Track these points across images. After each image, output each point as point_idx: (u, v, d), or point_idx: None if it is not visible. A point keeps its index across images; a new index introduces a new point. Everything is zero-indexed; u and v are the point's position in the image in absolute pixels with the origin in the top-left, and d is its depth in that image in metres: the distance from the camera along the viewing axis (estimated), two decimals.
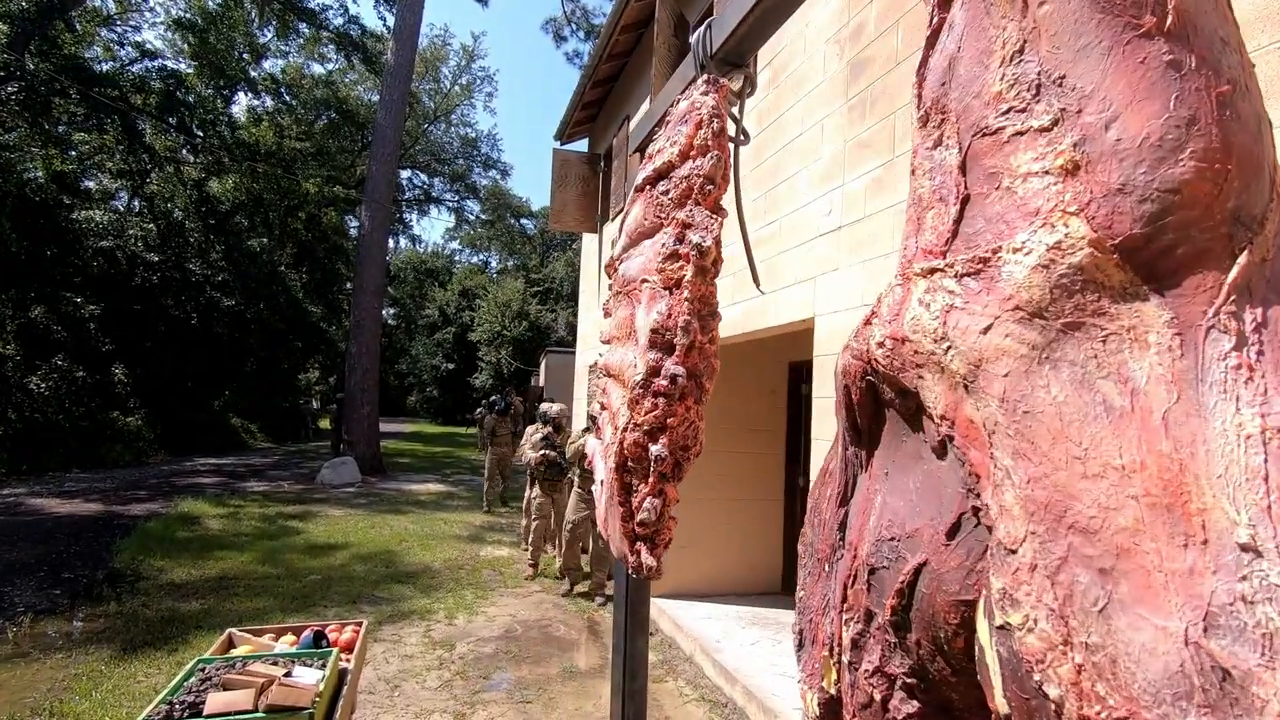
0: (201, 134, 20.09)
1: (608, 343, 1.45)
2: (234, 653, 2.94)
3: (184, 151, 20.47)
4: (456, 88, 31.39)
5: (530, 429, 7.84)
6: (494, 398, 11.77)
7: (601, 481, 1.32)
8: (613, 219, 8.02)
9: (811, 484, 0.96)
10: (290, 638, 3.17)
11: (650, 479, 1.09)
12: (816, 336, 3.51)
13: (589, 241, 9.39)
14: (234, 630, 3.16)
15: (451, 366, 41.04)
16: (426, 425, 39.37)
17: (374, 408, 15.07)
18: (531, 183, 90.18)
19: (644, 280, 1.17)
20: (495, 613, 5.78)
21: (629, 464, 1.13)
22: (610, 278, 1.48)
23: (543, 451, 7.08)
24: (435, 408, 42.64)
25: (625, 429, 1.11)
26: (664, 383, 1.06)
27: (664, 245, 1.13)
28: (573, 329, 40.31)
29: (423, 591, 6.28)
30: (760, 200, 4.20)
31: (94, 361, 15.09)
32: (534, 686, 4.35)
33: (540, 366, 23.61)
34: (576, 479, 6.47)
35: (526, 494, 7.71)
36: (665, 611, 5.49)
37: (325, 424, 26.75)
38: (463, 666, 4.59)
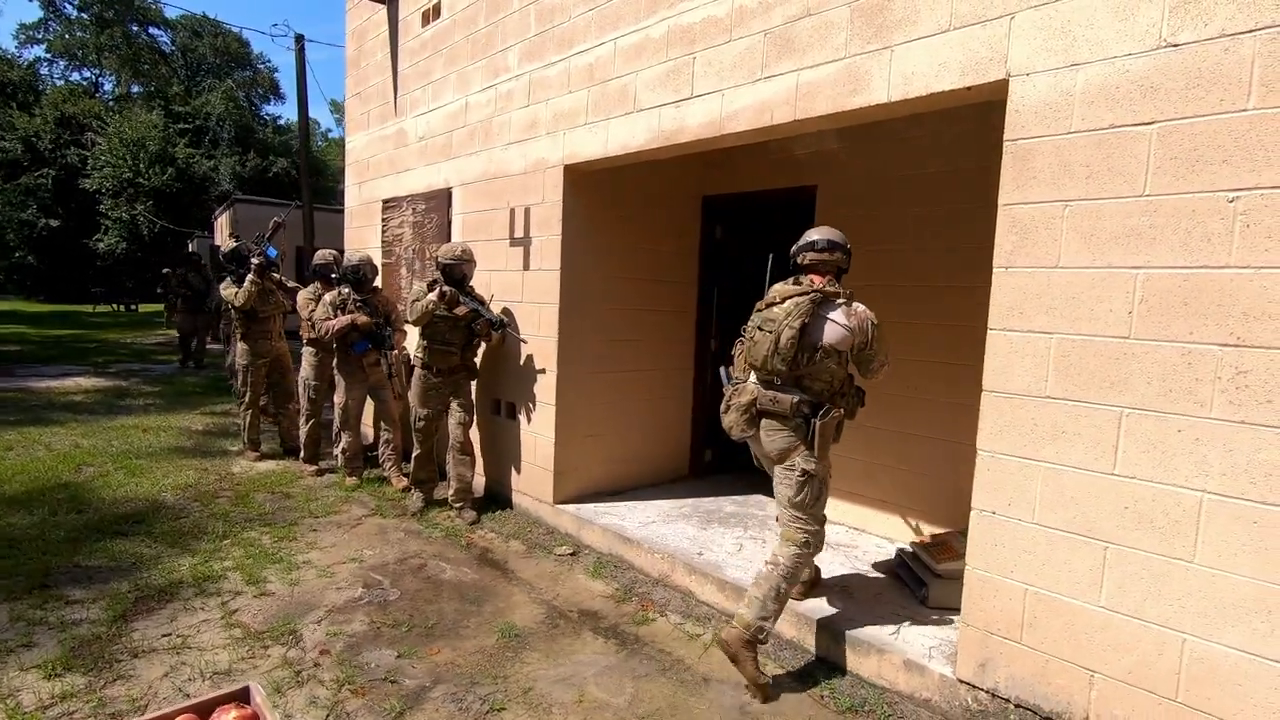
0: None
1: None
2: None
3: None
4: None
5: (311, 289, 5.41)
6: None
7: None
8: None
9: None
10: None
11: None
12: (1011, 110, 2.27)
13: (363, 13, 6.50)
14: None
15: (56, 224, 30.54)
16: (23, 304, 29.09)
17: None
18: None
19: None
20: (328, 561, 3.75)
21: None
22: None
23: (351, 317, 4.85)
24: (36, 281, 31.87)
25: None
26: None
27: None
28: (241, 180, 32.45)
29: (175, 544, 3.86)
30: None
31: None
32: (480, 678, 2.70)
33: (218, 224, 18.17)
34: (421, 356, 4.46)
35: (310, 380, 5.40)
36: (590, 521, 4.08)
37: None
38: (343, 667, 2.69)
